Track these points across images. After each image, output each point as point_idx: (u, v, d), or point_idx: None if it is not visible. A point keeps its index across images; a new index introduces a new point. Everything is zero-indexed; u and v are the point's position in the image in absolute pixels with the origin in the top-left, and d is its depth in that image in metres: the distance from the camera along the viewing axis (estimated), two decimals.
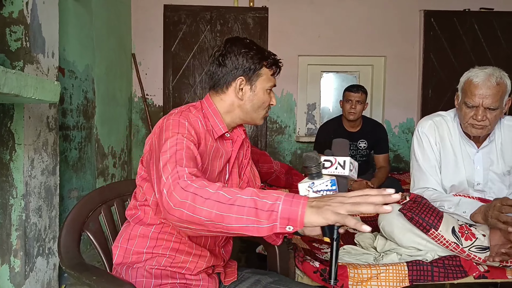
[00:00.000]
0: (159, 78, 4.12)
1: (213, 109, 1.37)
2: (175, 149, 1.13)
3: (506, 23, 4.18)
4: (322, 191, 1.09)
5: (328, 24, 4.16)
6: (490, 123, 1.75)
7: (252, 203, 0.93)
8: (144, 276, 1.26)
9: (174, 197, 0.99)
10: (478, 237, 1.73)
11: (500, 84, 1.72)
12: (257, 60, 1.35)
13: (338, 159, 1.14)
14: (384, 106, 4.34)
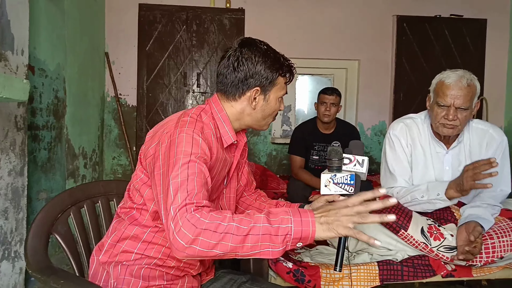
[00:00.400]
0: (133, 77, 4.06)
1: (223, 115, 1.32)
2: (187, 174, 1.07)
3: (474, 29, 4.33)
4: (341, 184, 1.22)
5: (304, 28, 4.20)
6: (460, 123, 1.82)
7: (266, 230, 0.98)
8: (133, 275, 1.23)
9: (184, 234, 0.98)
10: (447, 237, 1.78)
11: (470, 85, 1.79)
12: (274, 69, 1.30)
13: (358, 157, 1.26)
14: (357, 109, 4.41)
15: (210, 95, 4.12)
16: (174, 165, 1.10)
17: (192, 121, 1.21)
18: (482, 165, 1.65)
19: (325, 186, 1.26)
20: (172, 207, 1.03)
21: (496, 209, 1.90)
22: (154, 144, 1.21)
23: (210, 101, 1.35)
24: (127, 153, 4.06)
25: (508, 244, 1.77)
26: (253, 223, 0.99)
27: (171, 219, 1.01)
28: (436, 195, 1.81)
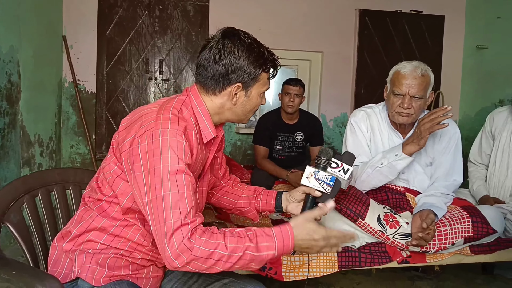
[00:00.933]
0: (92, 63, 3.91)
1: (203, 109, 1.27)
2: (177, 187, 1.09)
3: (432, 25, 4.47)
4: (321, 182, 1.34)
5: (269, 18, 4.19)
6: (415, 112, 1.89)
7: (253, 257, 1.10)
8: (98, 264, 1.20)
9: (179, 256, 1.06)
10: (402, 224, 1.85)
11: (425, 75, 1.87)
12: (258, 65, 1.25)
13: (344, 165, 1.37)
14: (320, 100, 4.47)
15: (173, 83, 4.04)
16: (162, 173, 1.09)
17: (174, 119, 1.17)
18: (438, 111, 1.76)
19: (306, 178, 1.35)
20: (166, 226, 1.06)
21: (449, 198, 2.00)
22: (130, 137, 1.17)
23: (189, 93, 1.30)
24: (86, 141, 3.93)
25: (459, 231, 1.86)
26: (243, 251, 1.09)
27: (167, 239, 1.06)
28: (394, 156, 1.88)
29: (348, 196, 1.87)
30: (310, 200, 1.36)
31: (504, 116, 2.43)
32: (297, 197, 1.44)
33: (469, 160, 2.61)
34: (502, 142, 2.39)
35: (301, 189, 1.41)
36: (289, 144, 3.40)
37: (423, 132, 1.79)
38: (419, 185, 2.05)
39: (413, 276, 2.51)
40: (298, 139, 3.40)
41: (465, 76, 4.59)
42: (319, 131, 3.48)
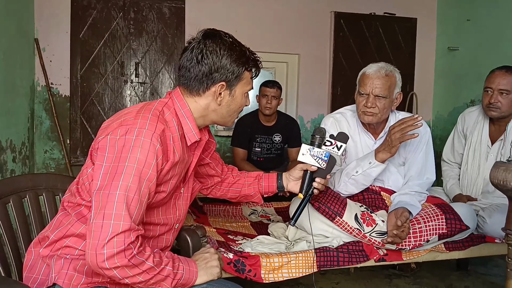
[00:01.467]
0: (66, 66, 3.83)
1: (186, 111, 1.26)
2: (134, 194, 1.09)
3: (405, 27, 4.57)
4: (316, 157, 1.46)
5: (245, 20, 4.20)
6: (379, 111, 1.93)
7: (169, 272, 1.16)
8: (76, 270, 1.17)
9: (112, 259, 1.05)
10: (378, 223, 1.88)
11: (389, 75, 1.92)
12: (240, 64, 1.25)
13: (338, 143, 1.49)
14: (298, 102, 4.50)
15: (149, 86, 4.00)
16: (125, 173, 1.08)
17: (153, 120, 1.16)
18: (408, 120, 1.81)
19: (302, 154, 1.48)
20: (113, 226, 1.05)
21: (423, 196, 2.04)
22: (104, 135, 1.16)
23: (172, 96, 1.29)
24: (60, 146, 3.84)
25: (433, 228, 1.90)
26: (163, 266, 1.14)
27: (108, 237, 1.04)
28: (368, 164, 1.92)
29: (326, 195, 1.89)
30: (308, 176, 1.48)
31: (475, 115, 2.50)
32: (296, 175, 1.56)
33: (442, 159, 2.67)
34: (473, 141, 2.46)
35: (298, 167, 1.53)
36: (268, 146, 3.41)
37: (394, 141, 1.84)
38: (393, 185, 2.09)
39: (390, 274, 2.55)
40: (276, 141, 3.42)
41: (437, 77, 4.71)
42: (297, 132, 3.50)
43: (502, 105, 2.27)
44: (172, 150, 1.19)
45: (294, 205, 1.97)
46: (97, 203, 1.09)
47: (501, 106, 2.27)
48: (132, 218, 1.07)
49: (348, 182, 1.98)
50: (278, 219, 2.45)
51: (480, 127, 2.44)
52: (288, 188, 1.59)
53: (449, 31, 4.51)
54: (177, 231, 1.43)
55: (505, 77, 2.26)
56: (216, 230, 2.11)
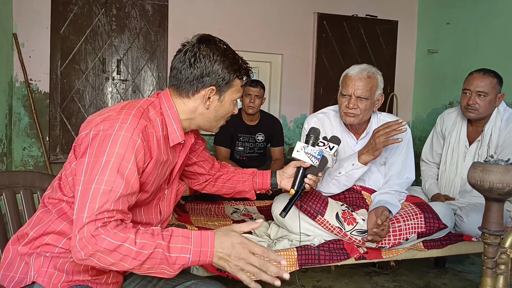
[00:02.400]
0: (46, 62, 3.75)
1: (173, 112, 1.26)
2: (113, 183, 1.06)
3: (387, 30, 4.64)
4: (310, 155, 1.54)
5: (229, 19, 4.19)
6: (361, 112, 1.96)
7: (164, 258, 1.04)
8: (57, 268, 1.15)
9: (84, 246, 1.01)
10: (359, 221, 1.91)
11: (371, 77, 1.95)
12: (232, 71, 1.26)
13: (330, 144, 1.60)
14: (281, 102, 4.52)
15: (131, 83, 3.96)
16: (103, 167, 1.07)
17: (136, 115, 1.15)
18: (393, 124, 1.84)
19: (297, 151, 1.56)
20: (85, 217, 1.03)
21: (402, 195, 2.08)
22: (87, 130, 1.15)
23: (160, 95, 1.29)
24: (39, 144, 3.77)
25: (412, 227, 1.94)
26: (153, 249, 1.03)
27: (79, 226, 1.02)
28: (351, 166, 1.94)
29: (308, 194, 1.91)
30: (301, 173, 1.56)
31: (453, 116, 2.55)
32: (289, 171, 1.63)
33: (421, 159, 2.72)
34: (452, 142, 2.51)
35: (292, 164, 1.61)
36: (250, 145, 3.41)
37: (377, 145, 1.86)
38: (374, 184, 2.12)
39: (370, 272, 2.59)
40: (259, 140, 3.43)
41: (417, 78, 4.79)
42: (280, 132, 3.52)
43: (479, 107, 2.31)
44: (156, 148, 1.19)
45: (276, 203, 1.98)
46: (76, 199, 1.08)
47: (479, 107, 2.31)
48: (104, 209, 1.04)
49: (331, 183, 2.00)
50: (261, 217, 2.46)
51: (458, 128, 2.50)
52: (282, 185, 1.65)
53: (429, 34, 4.60)
54: None
55: (482, 79, 2.31)
56: (198, 228, 2.10)
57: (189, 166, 1.60)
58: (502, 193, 1.20)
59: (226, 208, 2.55)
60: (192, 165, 1.60)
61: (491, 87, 2.30)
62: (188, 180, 1.68)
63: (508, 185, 1.17)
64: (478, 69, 2.39)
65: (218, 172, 1.69)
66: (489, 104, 2.32)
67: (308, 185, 1.56)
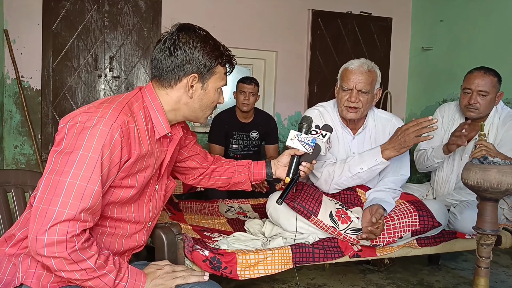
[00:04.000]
0: (37, 59, 3.71)
1: (156, 104, 1.24)
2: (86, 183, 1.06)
3: (381, 27, 4.64)
4: (303, 143, 1.57)
5: (223, 16, 4.17)
6: (362, 106, 1.97)
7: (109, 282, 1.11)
8: (45, 268, 1.13)
9: (52, 248, 1.02)
10: (353, 220, 1.90)
11: (371, 71, 1.97)
12: (213, 57, 1.24)
13: (322, 131, 1.65)
14: (275, 99, 4.51)
15: (124, 80, 3.92)
16: (78, 161, 1.06)
17: (116, 110, 1.14)
18: (423, 121, 1.78)
19: (290, 139, 1.59)
20: (57, 212, 1.02)
21: (397, 193, 2.08)
22: (65, 122, 1.14)
23: (143, 89, 1.28)
24: (31, 142, 3.73)
25: (407, 225, 1.94)
26: (105, 271, 1.10)
27: (50, 224, 1.02)
28: (374, 161, 1.91)
29: (302, 193, 1.90)
30: (296, 161, 1.59)
31: (451, 113, 2.50)
32: (284, 160, 1.65)
33: (416, 149, 2.64)
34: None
35: (286, 153, 1.63)
36: (245, 143, 3.40)
37: (407, 142, 1.81)
38: (368, 181, 2.12)
39: (364, 270, 2.59)
40: (253, 138, 3.42)
41: (411, 76, 4.80)
42: (274, 129, 3.51)
43: (480, 106, 2.29)
44: (138, 142, 1.17)
45: (271, 201, 1.97)
46: (45, 187, 1.06)
47: (480, 107, 2.29)
48: (80, 208, 1.05)
49: (351, 178, 1.97)
50: (255, 215, 2.45)
51: (456, 126, 2.46)
52: (277, 175, 1.67)
53: (423, 31, 4.60)
54: (151, 229, 1.41)
55: (483, 78, 2.27)
56: (192, 227, 2.09)
57: (181, 161, 1.59)
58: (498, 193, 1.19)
59: (220, 206, 2.54)
60: (185, 161, 1.59)
61: (492, 86, 2.27)
62: (182, 176, 1.67)
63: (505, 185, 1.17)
64: (478, 67, 2.36)
65: (212, 165, 1.68)
66: (490, 103, 2.30)
67: (303, 173, 1.59)
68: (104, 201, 1.16)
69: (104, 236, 1.24)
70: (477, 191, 1.21)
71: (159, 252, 1.51)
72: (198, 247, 1.73)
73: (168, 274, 1.21)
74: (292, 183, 1.60)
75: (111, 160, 1.10)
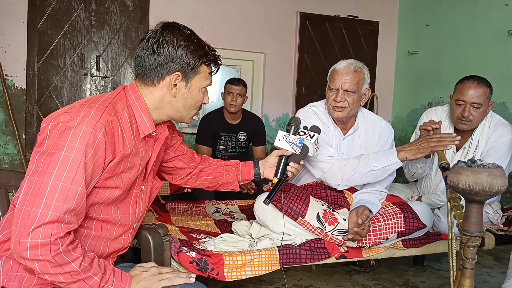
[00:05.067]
0: (22, 57, 3.65)
1: (140, 103, 1.23)
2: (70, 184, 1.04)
3: (368, 30, 4.69)
4: (291, 144, 1.57)
5: (211, 17, 4.16)
6: (349, 105, 1.99)
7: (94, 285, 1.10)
8: (27, 270, 1.11)
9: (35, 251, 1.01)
10: (340, 221, 1.91)
11: (358, 71, 2.00)
12: (197, 56, 1.23)
13: (311, 133, 1.65)
14: (263, 101, 4.52)
15: (111, 80, 3.89)
16: (61, 161, 1.04)
17: (99, 109, 1.12)
18: (448, 137, 1.88)
19: (278, 140, 1.59)
20: (40, 214, 1.01)
21: (382, 194, 2.10)
22: (47, 122, 1.12)
23: (126, 88, 1.26)
24: (15, 141, 3.67)
25: (392, 227, 1.96)
26: (90, 274, 1.09)
27: (34, 226, 1.00)
28: (389, 161, 1.92)
29: (289, 195, 1.91)
30: (283, 161, 1.59)
31: (439, 117, 2.43)
32: (271, 161, 1.65)
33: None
34: None
35: (274, 153, 1.63)
36: (232, 144, 3.40)
37: (425, 148, 1.87)
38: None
39: (351, 270, 2.61)
40: (241, 139, 3.41)
41: (397, 79, 4.86)
42: (262, 131, 3.52)
43: (474, 118, 2.22)
44: (122, 142, 1.16)
45: (258, 202, 1.97)
46: (27, 189, 1.04)
47: (473, 119, 2.22)
48: (64, 210, 1.04)
49: (364, 175, 1.97)
50: (242, 217, 2.45)
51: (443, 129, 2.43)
52: (265, 175, 1.66)
53: (409, 35, 4.66)
54: (136, 230, 1.39)
55: (477, 89, 2.19)
56: (178, 228, 2.08)
57: (168, 161, 1.58)
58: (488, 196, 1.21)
59: (207, 208, 2.53)
60: (171, 160, 1.58)
61: (486, 98, 2.20)
62: (169, 176, 1.66)
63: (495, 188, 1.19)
64: (470, 77, 2.26)
65: (200, 165, 1.67)
66: (482, 115, 2.25)
67: (290, 173, 1.60)
68: (88, 202, 1.14)
69: (89, 239, 1.23)
70: (468, 194, 1.22)
71: (145, 254, 1.50)
72: (184, 248, 1.72)
73: (154, 276, 1.20)
74: (279, 184, 1.60)
75: (95, 160, 1.09)
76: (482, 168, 1.23)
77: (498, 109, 3.49)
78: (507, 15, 3.48)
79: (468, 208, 1.28)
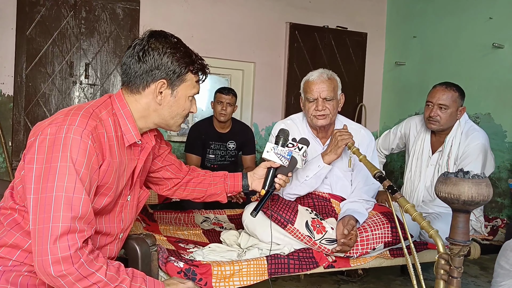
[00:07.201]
0: (10, 64, 3.62)
1: (126, 111, 1.22)
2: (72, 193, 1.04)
3: (356, 41, 4.75)
4: (280, 156, 1.58)
5: (202, 26, 4.18)
6: (330, 112, 2.05)
7: None
8: (9, 282, 1.09)
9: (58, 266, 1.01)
10: (328, 230, 1.92)
11: (331, 79, 2.07)
12: (183, 63, 1.23)
13: (299, 145, 1.66)
14: (253, 110, 4.53)
15: (100, 88, 3.87)
16: (58, 173, 1.04)
17: (84, 116, 1.12)
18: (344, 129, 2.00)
19: (267, 152, 1.60)
20: (52, 228, 1.00)
21: (370, 203, 2.12)
22: (34, 136, 1.11)
23: (112, 96, 1.26)
24: (1, 149, 3.62)
25: (379, 237, 1.98)
26: (118, 283, 1.08)
27: (51, 242, 1.00)
28: (317, 168, 2.00)
29: (278, 203, 1.91)
30: (272, 173, 1.60)
31: (419, 125, 2.66)
32: (260, 172, 1.66)
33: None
34: (416, 149, 2.61)
35: (262, 165, 1.63)
36: (222, 153, 3.40)
37: (339, 142, 1.96)
38: (341, 190, 2.15)
39: (339, 280, 2.62)
40: (231, 148, 3.42)
41: (385, 89, 4.92)
42: (251, 140, 3.53)
43: (441, 119, 2.40)
44: (108, 149, 1.16)
45: (247, 212, 1.98)
46: (34, 208, 1.04)
47: (440, 120, 2.41)
48: (72, 219, 1.03)
49: (300, 186, 2.04)
50: (231, 226, 2.44)
51: (423, 137, 2.59)
52: (253, 187, 1.67)
53: (396, 47, 4.74)
54: (122, 241, 1.38)
55: (444, 92, 2.40)
56: (166, 238, 2.07)
57: (155, 172, 1.56)
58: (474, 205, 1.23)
59: (196, 217, 2.52)
60: (158, 171, 1.57)
61: (452, 101, 2.39)
62: (156, 187, 1.64)
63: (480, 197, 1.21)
64: (441, 82, 2.48)
65: (188, 176, 1.66)
66: (450, 117, 2.41)
67: (278, 185, 1.61)
68: None
69: None
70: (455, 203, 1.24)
71: (133, 264, 1.48)
72: (172, 258, 1.72)
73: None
74: (267, 196, 1.61)
75: (90, 167, 1.09)
76: (467, 178, 1.25)
77: (483, 119, 3.56)
78: (492, 28, 3.57)
79: (455, 218, 1.30)
